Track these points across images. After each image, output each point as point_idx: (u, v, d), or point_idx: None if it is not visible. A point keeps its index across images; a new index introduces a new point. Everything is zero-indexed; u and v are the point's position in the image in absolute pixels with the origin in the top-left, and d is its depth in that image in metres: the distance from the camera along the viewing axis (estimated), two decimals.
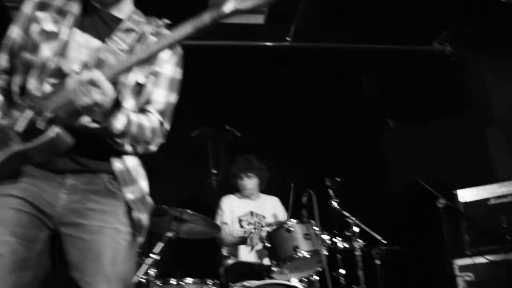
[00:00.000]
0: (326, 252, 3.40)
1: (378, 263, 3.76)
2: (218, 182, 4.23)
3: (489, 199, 4.04)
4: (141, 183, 1.76)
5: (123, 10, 1.79)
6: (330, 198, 3.74)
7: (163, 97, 1.77)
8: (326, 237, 3.52)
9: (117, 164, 1.70)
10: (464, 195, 4.11)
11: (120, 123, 1.56)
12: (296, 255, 3.31)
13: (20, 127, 1.54)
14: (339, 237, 3.60)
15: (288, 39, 4.96)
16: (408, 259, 4.00)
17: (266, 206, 4.26)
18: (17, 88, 1.67)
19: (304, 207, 3.52)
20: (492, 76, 4.97)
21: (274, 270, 3.41)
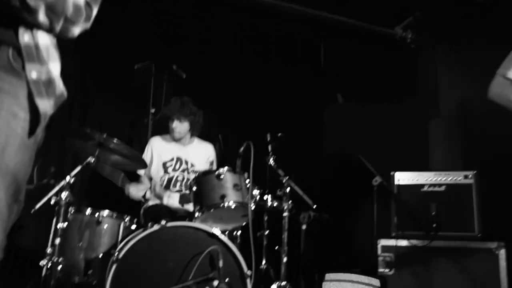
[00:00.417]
0: (253, 207, 3.28)
1: (304, 228, 3.68)
2: (153, 122, 4.04)
3: (423, 185, 4.05)
4: (50, 65, 1.49)
5: None
6: (267, 155, 3.61)
7: None
8: (256, 192, 3.39)
9: (25, 36, 1.42)
10: (400, 177, 4.10)
11: None
12: (223, 204, 3.16)
13: None
14: (269, 194, 3.48)
15: None
16: (334, 230, 3.96)
17: (198, 153, 4.02)
18: None
19: (240, 157, 3.36)
20: (445, 71, 5.02)
21: (196, 217, 3.24)
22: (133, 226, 3.30)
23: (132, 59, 4.10)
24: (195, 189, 3.29)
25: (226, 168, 3.28)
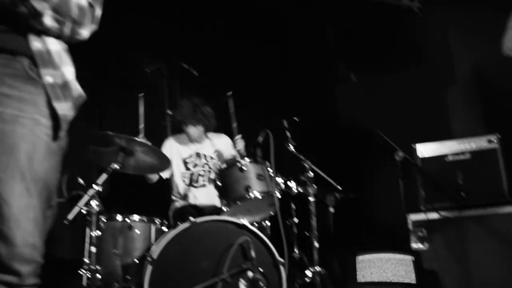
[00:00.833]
0: (279, 195, 3.28)
1: (332, 211, 3.67)
2: (172, 124, 4.05)
3: (447, 155, 4.00)
4: (64, 69, 1.53)
5: None
6: (286, 141, 3.60)
7: None
8: (280, 179, 3.39)
9: (35, 44, 1.46)
10: (422, 149, 4.06)
11: None
12: (248, 195, 3.17)
13: None
14: (293, 181, 3.48)
15: None
16: (362, 209, 3.94)
17: (214, 146, 4.02)
18: None
19: (259, 146, 3.37)
20: (456, 35, 4.93)
21: (224, 211, 3.26)
22: (164, 228, 3.33)
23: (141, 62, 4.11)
24: (219, 183, 3.30)
25: (247, 159, 3.29)
